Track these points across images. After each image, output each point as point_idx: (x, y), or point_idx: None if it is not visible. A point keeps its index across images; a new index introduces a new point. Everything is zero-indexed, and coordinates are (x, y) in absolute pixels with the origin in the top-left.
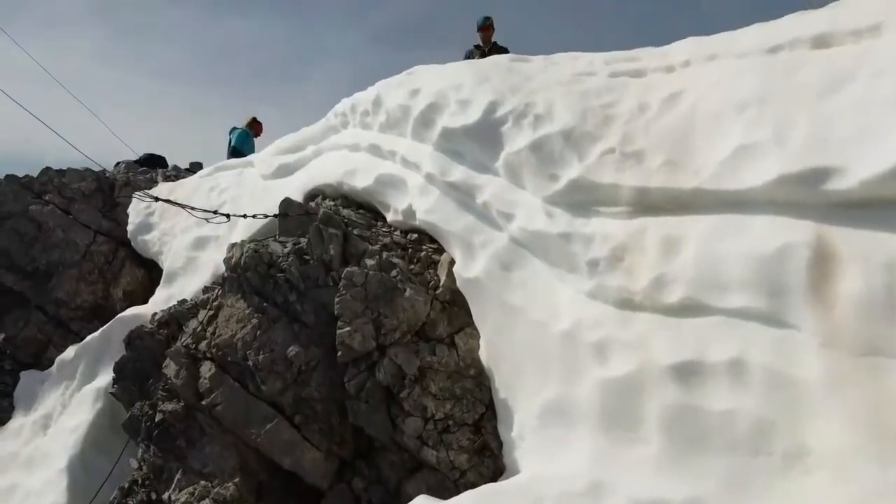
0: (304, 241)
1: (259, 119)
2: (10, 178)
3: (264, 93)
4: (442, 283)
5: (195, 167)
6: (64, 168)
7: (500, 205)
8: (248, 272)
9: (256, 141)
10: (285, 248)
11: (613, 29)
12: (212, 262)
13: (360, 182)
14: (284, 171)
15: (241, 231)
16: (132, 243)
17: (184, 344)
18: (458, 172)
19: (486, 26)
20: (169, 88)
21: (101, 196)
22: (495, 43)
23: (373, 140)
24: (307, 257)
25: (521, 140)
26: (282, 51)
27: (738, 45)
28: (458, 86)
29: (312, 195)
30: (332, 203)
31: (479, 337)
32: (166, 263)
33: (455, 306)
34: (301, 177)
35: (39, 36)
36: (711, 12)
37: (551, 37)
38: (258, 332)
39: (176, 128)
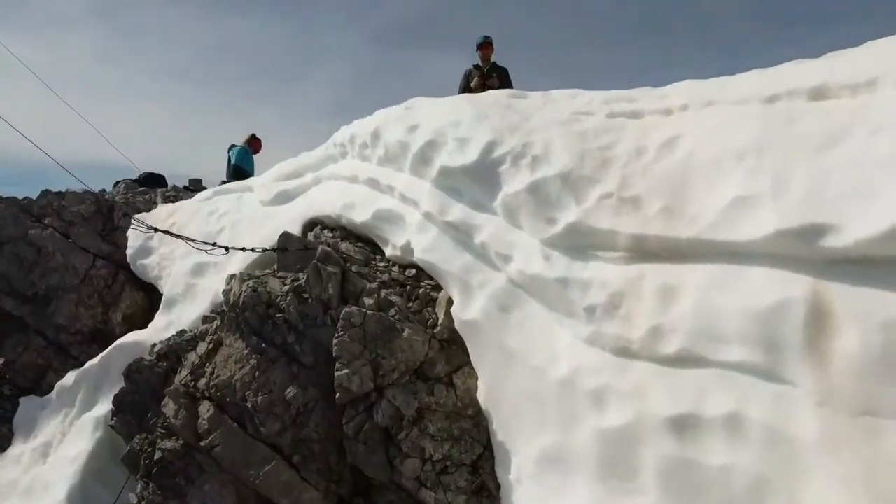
0: (302, 276)
1: (258, 136)
2: (10, 202)
3: (264, 93)
4: (440, 322)
5: (194, 184)
6: (63, 189)
7: (498, 246)
8: (247, 312)
9: (256, 158)
10: (284, 286)
11: (613, 28)
12: (211, 290)
13: (359, 216)
14: (283, 198)
15: (241, 259)
16: (131, 267)
17: (182, 382)
18: (457, 211)
19: (484, 45)
20: (169, 88)
21: (101, 219)
22: (494, 63)
23: (371, 174)
24: (305, 295)
25: (519, 181)
26: (282, 51)
27: (736, 91)
28: (457, 123)
29: (311, 224)
30: (330, 234)
31: (478, 377)
32: (166, 289)
33: (453, 345)
34: (300, 204)
35: (40, 35)
36: (711, 12)
37: (550, 36)
38: (257, 373)
39: (176, 128)
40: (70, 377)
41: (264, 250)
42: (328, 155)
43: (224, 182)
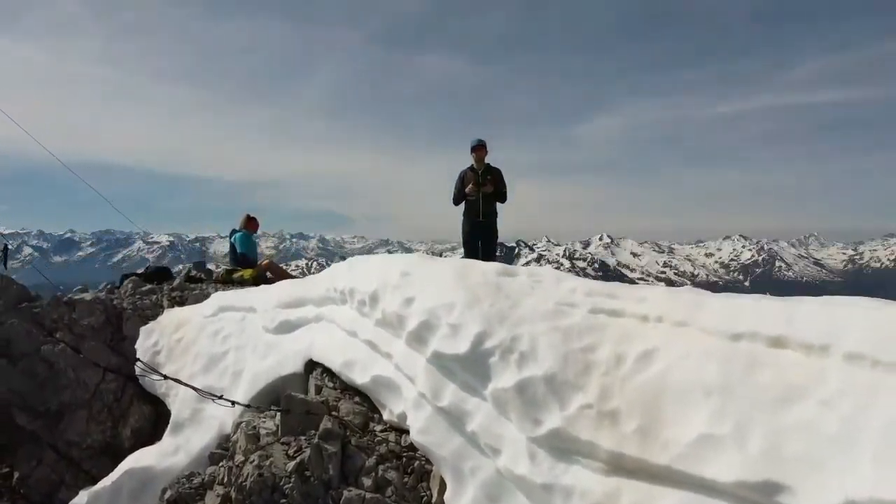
0: (305, 448)
1: (252, 215)
2: (23, 313)
3: (264, 93)
4: (434, 500)
5: (198, 268)
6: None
7: (487, 438)
8: (253, 496)
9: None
10: (287, 459)
11: (612, 27)
12: (216, 419)
13: (359, 377)
14: (286, 328)
15: (246, 386)
16: (139, 381)
17: None
18: (449, 394)
19: (478, 148)
20: (168, 88)
21: (110, 329)
22: (488, 165)
23: (370, 335)
24: (308, 473)
25: (508, 378)
26: (282, 51)
27: (706, 318)
28: (450, 306)
29: (313, 364)
30: (331, 385)
31: None
32: (173, 410)
33: None
34: (302, 340)
35: (41, 37)
36: (712, 11)
37: (549, 35)
38: None
39: (176, 129)
40: (83, 497)
41: (269, 409)
42: (328, 297)
43: (227, 269)
